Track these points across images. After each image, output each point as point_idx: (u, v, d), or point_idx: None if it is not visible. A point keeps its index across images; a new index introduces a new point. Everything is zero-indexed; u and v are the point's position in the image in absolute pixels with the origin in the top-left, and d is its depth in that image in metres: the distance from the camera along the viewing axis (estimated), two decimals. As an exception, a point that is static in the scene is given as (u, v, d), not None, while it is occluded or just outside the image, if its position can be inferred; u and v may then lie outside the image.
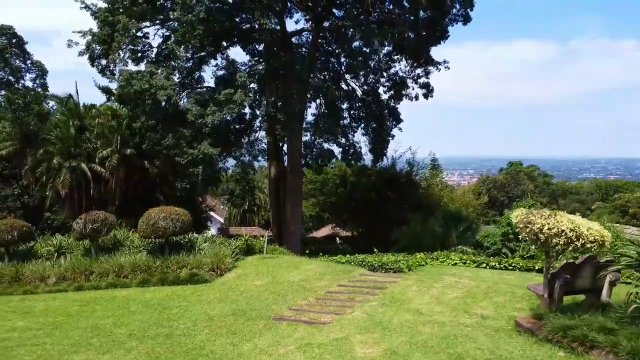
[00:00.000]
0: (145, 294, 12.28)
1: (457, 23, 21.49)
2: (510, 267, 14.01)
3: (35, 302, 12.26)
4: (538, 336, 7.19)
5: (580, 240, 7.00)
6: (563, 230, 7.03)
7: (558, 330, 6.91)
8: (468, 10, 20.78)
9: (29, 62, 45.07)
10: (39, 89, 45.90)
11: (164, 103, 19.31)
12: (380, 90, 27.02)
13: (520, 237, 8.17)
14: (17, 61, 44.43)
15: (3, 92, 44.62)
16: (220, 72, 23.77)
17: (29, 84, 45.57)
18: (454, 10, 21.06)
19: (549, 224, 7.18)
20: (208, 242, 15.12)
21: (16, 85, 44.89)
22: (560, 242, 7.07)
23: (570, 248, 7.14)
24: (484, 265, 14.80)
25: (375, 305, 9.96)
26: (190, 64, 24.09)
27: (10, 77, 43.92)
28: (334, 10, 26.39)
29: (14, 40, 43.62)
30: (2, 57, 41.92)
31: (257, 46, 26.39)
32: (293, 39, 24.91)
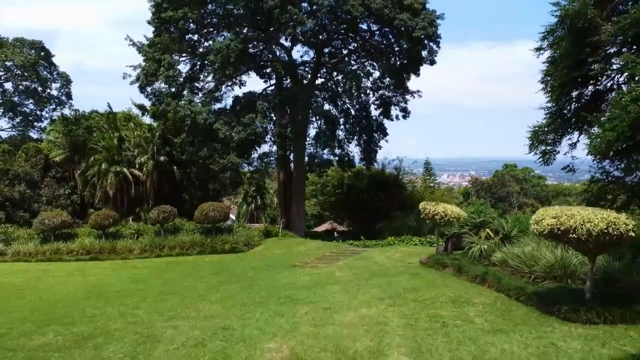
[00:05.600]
0: (205, 259, 20.60)
1: (426, 64, 29.88)
2: (450, 245, 22.18)
3: (133, 262, 20.58)
4: (426, 265, 15.44)
5: (447, 217, 15.25)
6: (439, 212, 15.30)
7: (434, 262, 15.17)
8: (433, 57, 29.18)
9: (55, 73, 53.50)
10: (63, 97, 54.56)
11: (202, 123, 27.54)
12: (372, 108, 35.43)
13: (421, 216, 16.37)
14: (45, 72, 52.90)
15: (32, 101, 53.25)
16: (238, 94, 32.37)
17: (55, 92, 54.10)
18: (424, 54, 29.39)
19: (433, 209, 15.45)
20: (241, 227, 23.47)
21: (43, 95, 53.48)
22: (438, 218, 15.33)
23: (443, 221, 15.39)
24: (434, 244, 23.06)
25: (351, 260, 18.24)
26: (212, 85, 32.52)
27: (38, 87, 52.38)
28: (332, 42, 34.79)
29: (42, 54, 52.03)
30: (33, 69, 50.34)
31: (267, 70, 34.86)
32: (299, 69, 33.24)
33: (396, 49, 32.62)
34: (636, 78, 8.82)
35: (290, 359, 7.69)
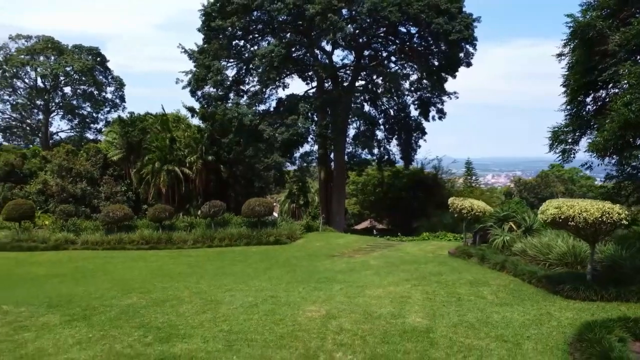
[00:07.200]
0: (252, 249, 22.96)
1: (462, 65, 31.30)
2: (483, 240, 23.68)
3: (188, 252, 23.16)
4: (454, 255, 17.14)
5: (473, 211, 16.90)
6: (465, 206, 16.97)
7: (461, 252, 16.86)
8: (470, 59, 30.63)
9: (109, 77, 57.93)
10: (117, 100, 58.81)
11: (248, 124, 30.11)
12: (411, 107, 37.08)
13: (450, 210, 18.04)
14: (101, 77, 57.36)
15: (89, 104, 57.72)
16: (281, 96, 34.83)
17: (109, 96, 58.54)
18: (460, 56, 30.85)
19: (461, 204, 17.13)
20: (284, 221, 25.74)
21: (98, 98, 57.91)
22: (465, 212, 17.00)
23: (470, 215, 17.04)
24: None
25: (385, 251, 20.12)
26: (257, 88, 35.04)
27: (95, 91, 56.88)
28: (372, 45, 36.64)
29: (98, 59, 56.47)
30: (90, 74, 54.76)
31: (309, 73, 37.09)
32: (339, 72, 35.32)
33: (435, 50, 34.14)
34: (625, 85, 10.33)
35: (326, 317, 9.73)
